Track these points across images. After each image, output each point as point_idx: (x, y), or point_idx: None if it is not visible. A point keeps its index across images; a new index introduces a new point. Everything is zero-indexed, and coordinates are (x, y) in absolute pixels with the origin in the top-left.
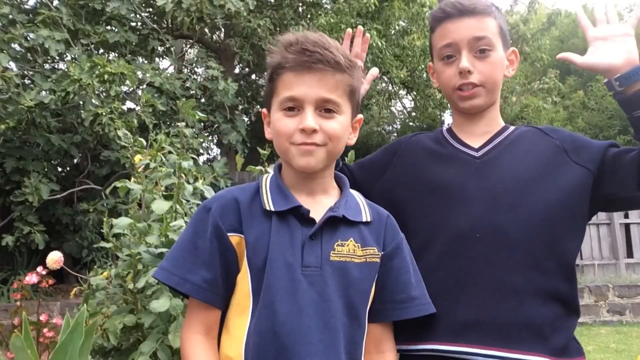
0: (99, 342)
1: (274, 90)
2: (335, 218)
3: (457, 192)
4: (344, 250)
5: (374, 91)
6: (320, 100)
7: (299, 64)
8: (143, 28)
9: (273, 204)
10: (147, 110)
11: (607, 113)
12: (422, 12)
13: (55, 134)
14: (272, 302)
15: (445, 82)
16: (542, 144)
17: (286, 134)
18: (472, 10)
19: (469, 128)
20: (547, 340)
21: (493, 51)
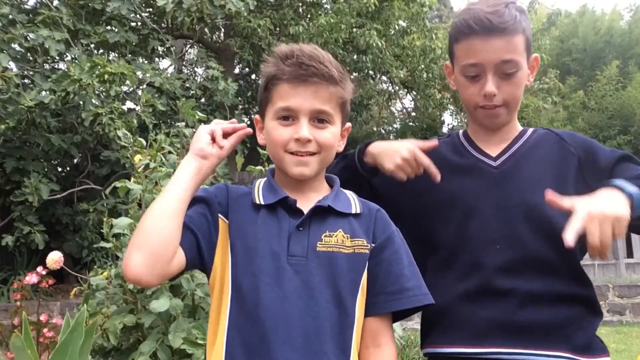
0: (99, 342)
1: (269, 99)
2: (322, 208)
3: (476, 204)
4: (332, 241)
5: (374, 91)
6: (315, 111)
7: (295, 77)
8: (143, 28)
9: (263, 198)
10: (147, 110)
11: (607, 113)
12: (422, 12)
13: (55, 134)
14: (256, 288)
15: (467, 97)
16: (558, 152)
17: (281, 143)
18: (502, 30)
19: (486, 136)
20: (570, 338)
21: (519, 70)
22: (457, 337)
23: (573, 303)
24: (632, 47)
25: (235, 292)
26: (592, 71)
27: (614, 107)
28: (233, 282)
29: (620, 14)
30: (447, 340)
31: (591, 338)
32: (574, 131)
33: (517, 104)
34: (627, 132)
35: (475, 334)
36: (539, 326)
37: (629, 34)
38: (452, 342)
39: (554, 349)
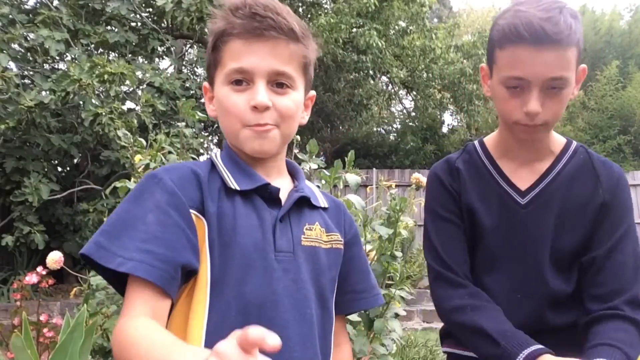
0: (99, 342)
1: (218, 60)
2: (303, 199)
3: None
4: (313, 235)
5: (373, 91)
6: (273, 73)
7: (249, 31)
8: (143, 28)
9: (237, 182)
10: (147, 110)
11: (607, 113)
12: (422, 12)
13: (55, 134)
14: (242, 293)
15: (506, 111)
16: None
17: (237, 114)
18: (556, 41)
19: (516, 153)
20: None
21: (567, 88)
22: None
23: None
24: (632, 47)
25: (216, 297)
26: (592, 71)
27: (614, 107)
28: (212, 287)
29: (620, 14)
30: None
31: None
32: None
33: (558, 120)
34: (627, 132)
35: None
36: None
37: (629, 34)
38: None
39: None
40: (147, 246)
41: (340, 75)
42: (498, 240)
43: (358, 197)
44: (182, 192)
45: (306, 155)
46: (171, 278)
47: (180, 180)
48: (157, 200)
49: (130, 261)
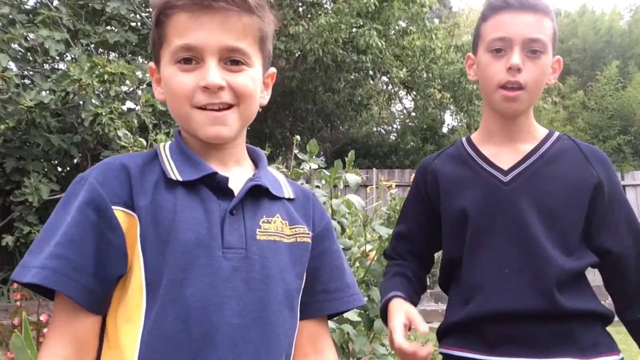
0: None
1: (163, 37)
2: (259, 188)
3: (486, 223)
4: (272, 228)
5: (373, 91)
6: (225, 49)
7: (195, 2)
8: (143, 28)
9: (179, 172)
10: (147, 110)
11: (607, 113)
12: (422, 12)
13: (55, 134)
14: (182, 295)
15: (489, 76)
16: (578, 170)
17: (184, 94)
18: (534, 6)
19: (500, 136)
20: (577, 342)
21: (544, 54)
22: (472, 344)
23: (573, 316)
24: (632, 47)
25: (151, 302)
26: (592, 71)
27: (614, 107)
28: (148, 290)
29: (620, 14)
30: (461, 345)
31: (597, 339)
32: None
33: (536, 93)
34: (627, 132)
35: (487, 344)
36: (545, 337)
37: (629, 34)
38: (467, 347)
39: (562, 355)
40: (62, 251)
41: (340, 75)
42: (484, 219)
43: (358, 197)
44: (105, 188)
45: (306, 155)
46: (86, 290)
47: (104, 176)
48: (79, 202)
49: (44, 270)
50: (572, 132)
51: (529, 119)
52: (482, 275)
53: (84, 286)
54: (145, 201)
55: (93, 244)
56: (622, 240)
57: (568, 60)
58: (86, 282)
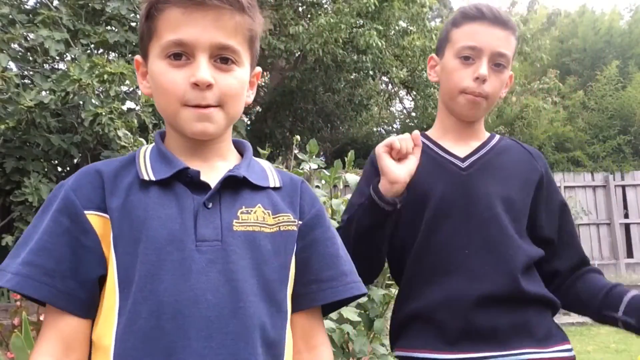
0: None
1: (153, 31)
2: (235, 179)
3: (446, 206)
4: (251, 218)
5: (373, 91)
6: (217, 46)
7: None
8: None
9: (153, 172)
10: (147, 110)
11: (607, 113)
12: (422, 12)
13: (55, 134)
14: (154, 291)
15: (455, 81)
16: (525, 163)
17: (175, 92)
18: (506, 22)
19: (453, 134)
20: (532, 334)
21: (506, 69)
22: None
23: (532, 301)
24: (632, 47)
25: (124, 300)
26: (592, 71)
27: (614, 107)
28: (121, 289)
29: (620, 14)
30: (418, 344)
31: (550, 329)
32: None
33: (494, 103)
34: (627, 132)
35: (446, 340)
36: (505, 327)
37: (629, 34)
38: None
39: (520, 346)
40: (35, 258)
41: (340, 75)
42: (444, 203)
43: None
44: (78, 194)
45: (306, 155)
46: (67, 294)
47: (78, 182)
48: (53, 210)
49: (17, 276)
50: (572, 132)
51: (480, 123)
52: (441, 257)
53: (61, 290)
54: (117, 202)
55: (67, 249)
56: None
57: (568, 60)
58: (63, 286)
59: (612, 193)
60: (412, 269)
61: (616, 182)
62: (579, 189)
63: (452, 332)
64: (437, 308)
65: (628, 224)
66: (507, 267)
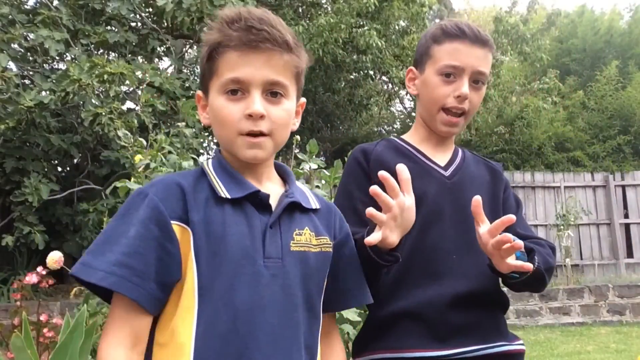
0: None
1: (214, 71)
2: (294, 204)
3: (436, 210)
4: (303, 240)
5: (373, 91)
6: (268, 82)
7: (245, 43)
8: (143, 28)
9: (227, 190)
10: (147, 110)
11: (607, 113)
12: (422, 12)
13: (55, 134)
14: (231, 299)
15: (437, 97)
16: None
17: (232, 123)
18: (485, 42)
19: (430, 143)
20: (500, 331)
21: (484, 85)
22: (421, 342)
23: (497, 301)
24: (632, 47)
25: (204, 304)
26: (592, 71)
27: (613, 107)
28: (200, 294)
29: (620, 14)
30: (409, 344)
31: (504, 325)
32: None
33: (470, 118)
34: (627, 132)
35: (436, 336)
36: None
37: (629, 34)
38: (416, 346)
39: (496, 340)
40: (128, 260)
41: (340, 75)
42: (436, 207)
43: None
44: (165, 205)
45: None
46: (150, 295)
47: (163, 193)
48: (140, 215)
49: (112, 276)
50: (572, 132)
51: (452, 139)
52: (431, 260)
53: (147, 291)
54: (198, 216)
55: (155, 254)
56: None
57: (568, 61)
58: (149, 288)
59: (612, 193)
60: (400, 270)
61: (616, 182)
62: (579, 189)
63: (442, 328)
64: (426, 306)
65: (628, 224)
66: (485, 269)
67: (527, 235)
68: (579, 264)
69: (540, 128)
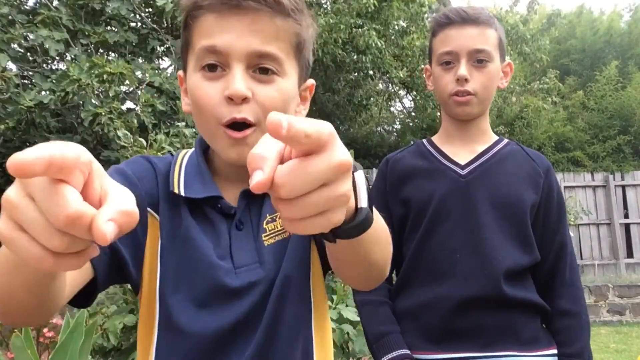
0: (99, 342)
1: (189, 41)
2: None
3: (443, 210)
4: (277, 227)
5: (373, 91)
6: (254, 54)
7: (223, 2)
8: (143, 28)
9: (184, 187)
10: (147, 110)
11: (607, 113)
12: (422, 12)
13: (55, 134)
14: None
15: (442, 87)
16: (527, 168)
17: (209, 108)
18: (475, 19)
19: (457, 138)
20: (518, 336)
21: (490, 62)
22: (415, 343)
23: (517, 305)
24: (631, 47)
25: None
26: (592, 71)
27: (613, 107)
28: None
29: (620, 14)
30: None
31: (536, 333)
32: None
33: (488, 98)
34: (627, 132)
35: (432, 339)
36: (488, 329)
37: (629, 34)
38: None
39: (503, 349)
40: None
41: (340, 76)
42: (442, 208)
43: None
44: (142, 184)
45: None
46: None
47: (140, 172)
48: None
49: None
50: (572, 132)
51: (484, 122)
52: (435, 261)
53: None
54: (166, 212)
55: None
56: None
57: (567, 61)
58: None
59: (612, 193)
60: (406, 272)
61: (616, 182)
62: (579, 189)
63: (437, 332)
64: (424, 308)
65: (628, 224)
66: (492, 271)
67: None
68: (579, 264)
69: (540, 128)
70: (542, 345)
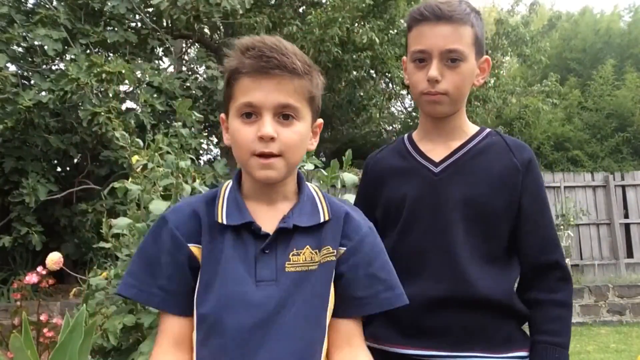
0: (99, 342)
1: (231, 95)
2: (286, 229)
3: (416, 210)
4: (300, 260)
5: (374, 91)
6: (279, 105)
7: (256, 70)
8: (142, 28)
9: (226, 217)
10: (146, 110)
11: (605, 113)
12: None
13: (54, 134)
14: (220, 317)
15: (414, 84)
16: (504, 164)
17: (245, 144)
18: (450, 17)
19: (433, 134)
20: (489, 338)
21: (463, 62)
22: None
23: (489, 306)
24: (630, 47)
25: (201, 321)
26: (592, 71)
27: (610, 107)
28: (197, 309)
29: (620, 14)
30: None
31: (509, 335)
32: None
33: (461, 97)
34: (624, 130)
35: (402, 333)
36: (455, 329)
37: (628, 34)
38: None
39: (471, 349)
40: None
41: (340, 76)
42: (416, 206)
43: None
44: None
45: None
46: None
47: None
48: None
49: (156, 297)
50: (571, 131)
51: (460, 119)
52: (409, 260)
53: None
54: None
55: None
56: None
57: (568, 61)
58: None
59: (612, 193)
60: None
61: (616, 182)
62: (579, 189)
63: (408, 329)
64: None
65: (628, 224)
66: (459, 271)
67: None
68: (579, 264)
69: (540, 128)
70: (512, 347)
